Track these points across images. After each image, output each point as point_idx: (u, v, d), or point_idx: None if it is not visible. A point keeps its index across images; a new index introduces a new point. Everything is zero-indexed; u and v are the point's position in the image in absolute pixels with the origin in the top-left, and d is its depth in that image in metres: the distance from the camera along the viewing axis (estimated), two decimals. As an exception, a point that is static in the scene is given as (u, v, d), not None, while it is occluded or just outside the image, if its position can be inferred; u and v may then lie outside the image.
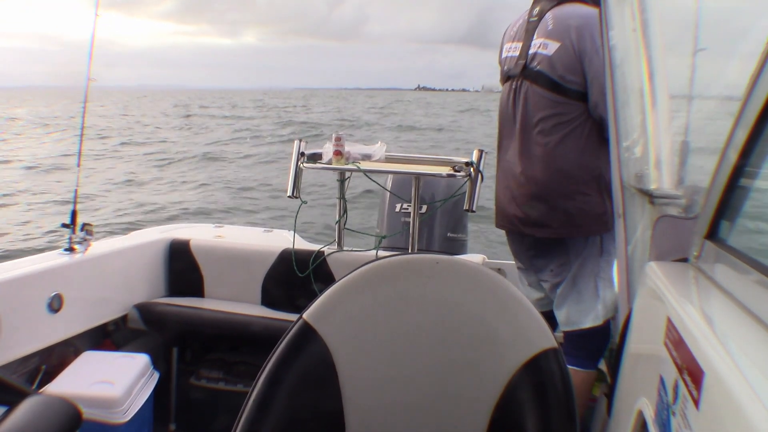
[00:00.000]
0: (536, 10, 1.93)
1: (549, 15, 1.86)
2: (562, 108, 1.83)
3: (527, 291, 2.12)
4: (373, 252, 2.36)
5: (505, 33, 2.08)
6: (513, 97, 1.94)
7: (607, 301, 1.88)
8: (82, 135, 2.34)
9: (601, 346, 1.93)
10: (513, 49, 1.97)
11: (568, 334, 1.97)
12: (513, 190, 1.96)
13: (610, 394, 1.36)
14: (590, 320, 1.89)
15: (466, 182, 2.17)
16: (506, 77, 2.00)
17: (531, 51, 1.88)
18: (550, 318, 1.99)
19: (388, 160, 2.35)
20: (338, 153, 2.24)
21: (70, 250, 2.20)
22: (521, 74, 1.91)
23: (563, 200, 1.86)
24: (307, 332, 1.06)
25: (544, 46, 1.85)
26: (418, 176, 2.26)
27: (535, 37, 1.88)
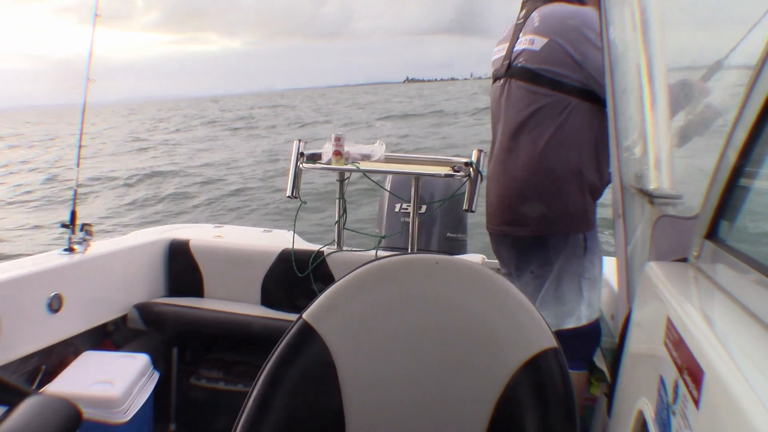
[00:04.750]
0: (522, 12, 1.94)
1: (535, 14, 1.86)
2: (543, 100, 1.81)
3: None
4: (373, 252, 2.36)
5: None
6: (498, 97, 1.96)
7: (592, 302, 1.86)
8: (81, 136, 2.34)
9: (590, 345, 1.91)
10: (500, 51, 1.99)
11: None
12: (497, 189, 1.97)
13: (610, 394, 1.36)
14: (573, 321, 1.85)
15: (465, 182, 2.17)
16: (494, 79, 2.02)
17: (516, 48, 1.88)
18: None
19: (388, 160, 2.35)
20: (338, 153, 2.24)
21: (70, 250, 2.20)
22: (506, 73, 1.92)
23: (542, 197, 1.84)
24: (307, 332, 1.06)
25: (530, 42, 1.83)
26: (417, 176, 2.27)
27: (521, 35, 1.88)
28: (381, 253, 2.33)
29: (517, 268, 2.00)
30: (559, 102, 1.79)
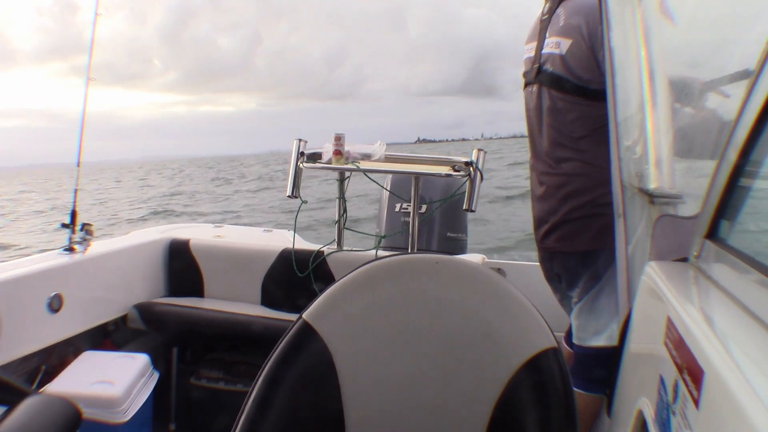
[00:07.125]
0: (547, 7, 1.81)
1: (560, 10, 1.74)
2: (584, 110, 1.70)
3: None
4: (373, 252, 2.36)
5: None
6: (534, 104, 1.84)
7: None
8: (81, 135, 2.34)
9: (612, 369, 1.84)
10: (529, 51, 1.87)
11: (578, 354, 1.83)
12: (544, 203, 1.85)
13: (610, 394, 1.36)
14: (603, 339, 1.75)
15: (465, 182, 2.17)
16: (525, 82, 1.90)
17: (544, 51, 1.76)
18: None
19: (388, 159, 2.34)
20: (338, 152, 2.24)
21: (70, 250, 2.20)
22: (536, 78, 1.80)
23: (595, 210, 1.73)
24: (307, 332, 1.06)
25: (556, 45, 1.72)
26: (417, 176, 2.26)
27: (547, 35, 1.76)
28: (381, 252, 2.33)
29: (567, 283, 1.88)
30: (594, 109, 1.67)
